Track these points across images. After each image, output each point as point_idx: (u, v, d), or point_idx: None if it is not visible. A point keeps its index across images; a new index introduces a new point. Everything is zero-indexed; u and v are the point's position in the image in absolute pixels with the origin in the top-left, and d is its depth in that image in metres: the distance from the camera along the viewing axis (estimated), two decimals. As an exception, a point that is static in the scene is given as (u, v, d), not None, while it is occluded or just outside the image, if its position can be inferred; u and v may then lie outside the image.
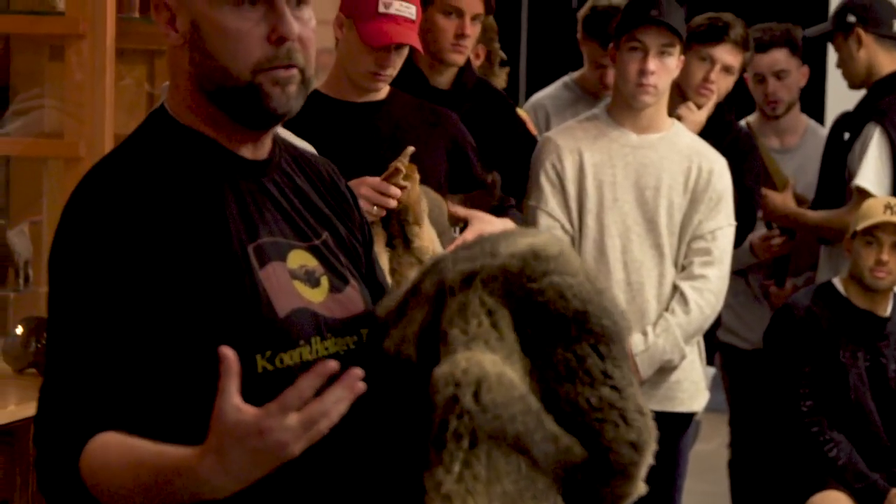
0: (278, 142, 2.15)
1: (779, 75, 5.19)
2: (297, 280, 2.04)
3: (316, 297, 2.06)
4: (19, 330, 3.78)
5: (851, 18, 4.95)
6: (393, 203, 3.46)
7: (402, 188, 3.46)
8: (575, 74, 5.12)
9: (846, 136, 4.94)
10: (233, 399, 1.76)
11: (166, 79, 4.04)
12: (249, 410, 1.75)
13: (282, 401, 1.75)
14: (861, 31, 4.95)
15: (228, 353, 1.76)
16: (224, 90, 2.00)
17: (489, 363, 1.94)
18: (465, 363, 1.93)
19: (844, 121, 5.02)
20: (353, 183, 3.42)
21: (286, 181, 2.11)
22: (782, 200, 5.03)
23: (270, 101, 2.00)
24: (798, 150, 5.23)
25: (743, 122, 5.28)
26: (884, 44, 4.94)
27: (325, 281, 2.08)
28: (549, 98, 5.08)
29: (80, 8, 3.65)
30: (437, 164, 3.79)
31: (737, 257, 4.48)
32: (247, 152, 2.07)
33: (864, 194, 4.77)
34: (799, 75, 5.24)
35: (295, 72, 2.01)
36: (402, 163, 3.49)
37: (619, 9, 4.87)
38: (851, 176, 4.84)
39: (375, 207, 3.44)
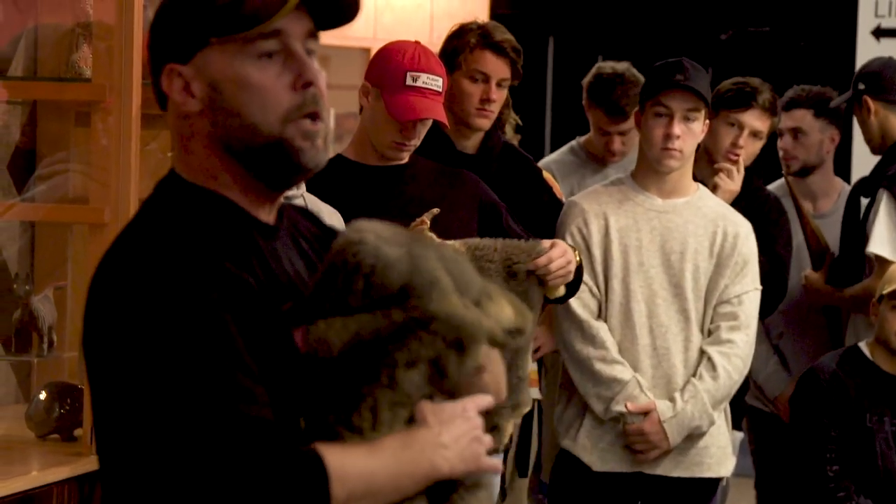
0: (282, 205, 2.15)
1: (796, 134, 5.19)
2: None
3: None
4: (42, 395, 3.78)
5: (861, 86, 5.00)
6: None
7: None
8: (582, 139, 5.14)
9: (864, 201, 4.94)
10: None
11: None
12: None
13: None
14: (870, 99, 4.98)
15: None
16: (253, 149, 2.00)
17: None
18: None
19: (861, 186, 5.02)
20: None
21: (292, 244, 2.12)
22: (819, 280, 5.02)
23: (301, 156, 2.01)
24: (832, 215, 5.21)
25: (781, 181, 5.28)
26: (894, 109, 4.97)
27: None
28: (555, 162, 5.10)
29: (106, 74, 3.67)
30: (466, 223, 3.80)
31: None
32: (263, 215, 2.07)
33: (881, 261, 4.76)
34: (823, 137, 5.23)
35: (321, 125, 2.02)
36: (426, 220, 3.53)
37: (624, 75, 4.90)
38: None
39: None
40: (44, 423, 3.77)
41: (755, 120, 4.69)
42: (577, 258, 3.76)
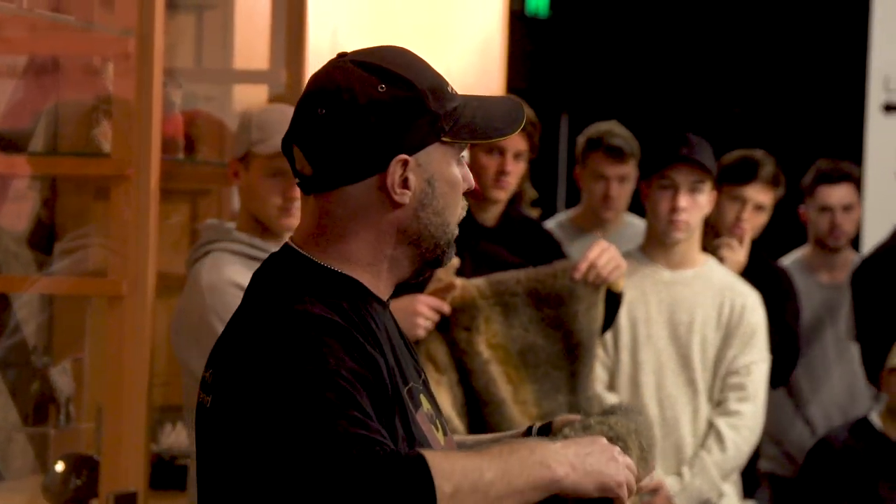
0: None
1: (846, 208, 5.24)
2: (430, 423, 2.12)
3: (441, 439, 2.13)
4: (59, 466, 3.80)
5: None
6: (447, 309, 3.61)
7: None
8: (570, 212, 5.20)
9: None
10: None
11: (209, 217, 4.14)
12: None
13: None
14: None
15: None
16: (437, 245, 2.10)
17: None
18: None
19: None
20: (404, 301, 3.51)
21: (393, 321, 2.18)
22: None
23: (450, 258, 2.13)
24: (847, 287, 5.25)
25: (799, 253, 5.32)
26: None
27: (438, 423, 2.15)
28: None
29: (125, 150, 3.73)
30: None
31: None
32: (380, 294, 2.12)
33: None
34: (858, 212, 5.29)
35: None
36: (450, 274, 3.62)
37: (616, 128, 4.97)
38: None
39: (428, 321, 3.56)
40: (60, 494, 3.79)
41: (759, 193, 4.73)
42: None
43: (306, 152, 2.07)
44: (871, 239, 5.43)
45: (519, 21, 7.52)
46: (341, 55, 2.11)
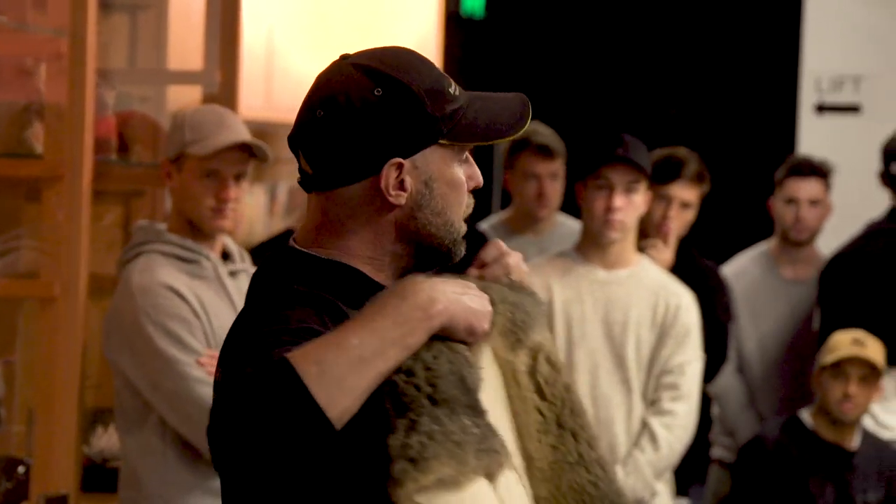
0: None
1: (814, 203, 5.27)
2: None
3: None
4: (-9, 469, 3.78)
5: (893, 167, 5.18)
6: None
7: None
8: (502, 215, 5.23)
9: None
10: None
11: (143, 218, 4.12)
12: None
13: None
14: None
15: None
16: (441, 243, 2.12)
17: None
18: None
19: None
20: None
21: None
22: None
23: (459, 254, 2.15)
24: (809, 283, 5.29)
25: (764, 247, 5.35)
26: None
27: None
28: None
29: (58, 151, 3.71)
30: None
31: None
32: (382, 282, 2.14)
33: None
34: (827, 209, 5.32)
35: None
36: None
37: (537, 131, 5.00)
38: None
39: None
40: (-8, 496, 3.77)
41: (684, 191, 4.75)
42: None
43: (306, 153, 2.11)
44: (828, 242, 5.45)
45: (455, 22, 7.53)
46: (343, 56, 2.14)
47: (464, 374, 1.97)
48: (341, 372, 1.91)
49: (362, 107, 2.06)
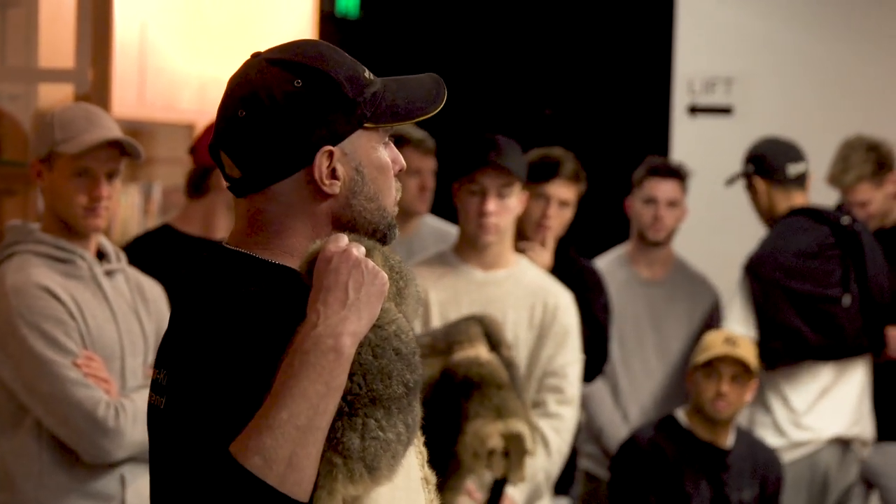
0: None
1: (671, 204, 5.31)
2: None
3: None
4: None
5: (750, 168, 5.30)
6: None
7: None
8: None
9: None
10: None
11: (15, 218, 4.05)
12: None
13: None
14: (758, 179, 5.28)
15: None
16: (377, 230, 2.12)
17: None
18: None
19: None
20: None
21: None
22: None
23: (393, 238, 2.15)
24: (665, 283, 5.34)
25: (621, 251, 5.39)
26: (778, 187, 5.24)
27: None
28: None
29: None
30: None
31: None
32: None
33: None
34: (683, 211, 5.37)
35: None
36: None
37: (410, 130, 5.02)
38: None
39: None
40: None
41: (561, 189, 4.78)
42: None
43: (232, 156, 2.09)
44: (678, 235, 5.50)
45: (329, 21, 7.50)
46: (255, 55, 2.13)
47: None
48: (285, 452, 1.91)
49: (285, 100, 2.06)
